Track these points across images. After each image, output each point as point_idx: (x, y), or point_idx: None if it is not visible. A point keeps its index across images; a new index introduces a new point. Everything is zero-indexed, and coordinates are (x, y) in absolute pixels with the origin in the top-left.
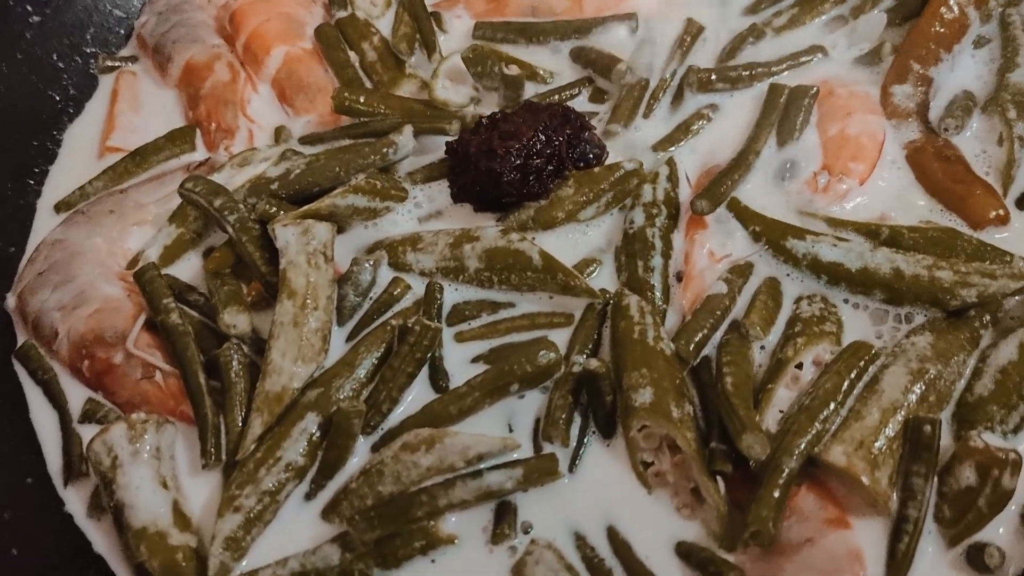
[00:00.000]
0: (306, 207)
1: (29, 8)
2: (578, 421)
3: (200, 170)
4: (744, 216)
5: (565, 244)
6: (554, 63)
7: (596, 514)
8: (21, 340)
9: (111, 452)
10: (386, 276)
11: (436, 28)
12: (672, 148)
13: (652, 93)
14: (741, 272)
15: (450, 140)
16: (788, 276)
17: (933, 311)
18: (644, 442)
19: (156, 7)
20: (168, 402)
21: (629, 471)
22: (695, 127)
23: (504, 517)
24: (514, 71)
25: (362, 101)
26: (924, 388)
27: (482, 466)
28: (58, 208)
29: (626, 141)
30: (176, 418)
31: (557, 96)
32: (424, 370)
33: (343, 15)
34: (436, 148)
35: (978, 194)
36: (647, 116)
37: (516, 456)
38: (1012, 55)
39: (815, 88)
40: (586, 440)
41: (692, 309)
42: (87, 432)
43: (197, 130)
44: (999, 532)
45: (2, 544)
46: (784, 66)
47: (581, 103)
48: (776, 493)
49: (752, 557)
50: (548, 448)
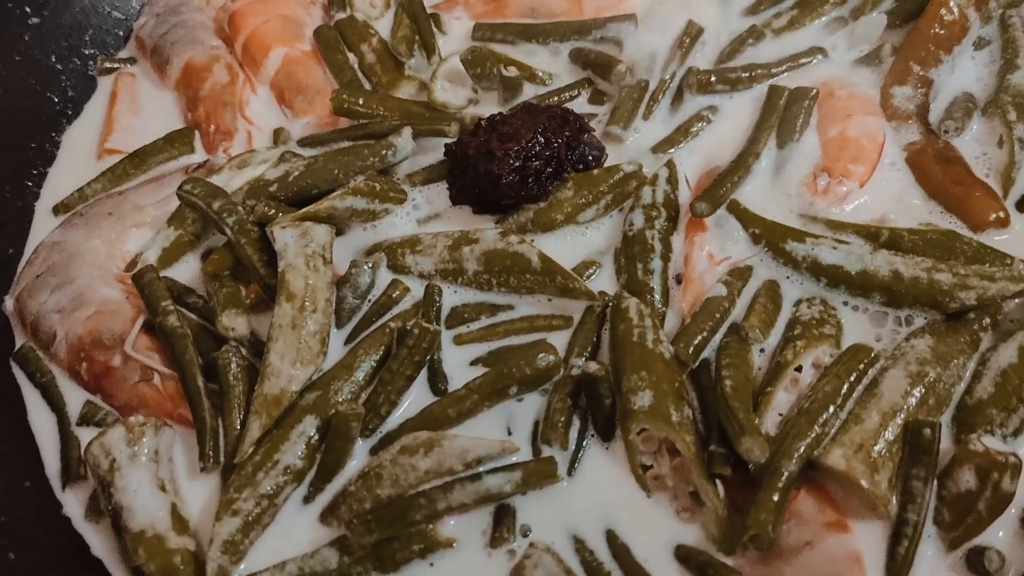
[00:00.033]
0: (305, 209)
1: (28, 10)
2: (577, 424)
3: (199, 172)
4: (744, 218)
5: (564, 246)
6: (553, 64)
7: (595, 517)
8: (19, 342)
9: (109, 455)
10: (385, 278)
11: (435, 30)
12: (671, 150)
13: (652, 95)
14: (740, 275)
15: (449, 142)
16: (788, 278)
17: (933, 314)
18: (643, 445)
19: (155, 9)
20: (166, 405)
21: (628, 474)
22: (694, 129)
23: (503, 520)
24: (513, 73)
25: (361, 103)
26: (924, 391)
27: (481, 469)
28: (56, 210)
29: (626, 143)
30: (174, 421)
31: (556, 98)
32: (423, 373)
33: (342, 17)
34: (435, 150)
35: (978, 196)
36: (646, 118)
37: (515, 459)
38: (1012, 57)
39: (815, 90)
40: (585, 443)
41: (691, 312)
42: (85, 435)
43: (196, 132)
44: (999, 536)
45: (0, 547)
46: (784, 68)
47: (580, 105)
48: (775, 496)
49: (751, 560)
50: (547, 451)
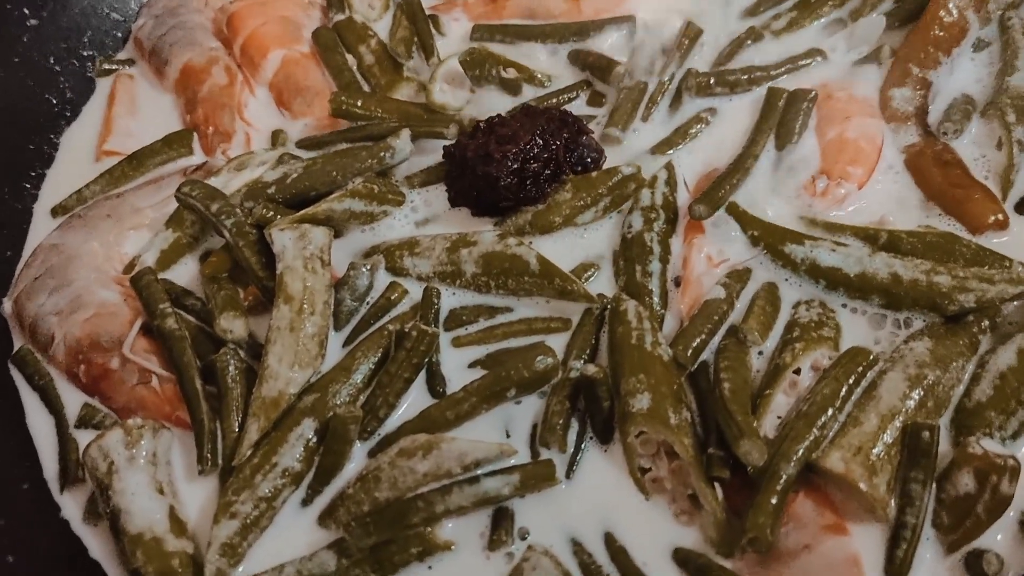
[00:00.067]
0: (303, 211)
1: (26, 12)
2: (575, 427)
3: (197, 174)
4: (742, 221)
5: (563, 248)
6: (552, 66)
7: (593, 520)
8: (18, 345)
9: (107, 457)
10: (383, 281)
11: (434, 31)
12: (670, 152)
13: (650, 97)
14: (739, 277)
15: (447, 144)
16: (786, 281)
17: (931, 316)
18: (642, 448)
19: (153, 10)
20: (164, 407)
21: (626, 477)
22: (693, 131)
23: (501, 523)
24: (512, 74)
25: (359, 105)
26: (922, 394)
27: (479, 472)
28: (55, 212)
29: (624, 145)
30: (172, 423)
31: (555, 99)
32: (421, 375)
33: (341, 18)
34: (434, 152)
35: (977, 198)
36: (645, 119)
37: (513, 462)
38: (1011, 58)
39: (814, 92)
40: (583, 446)
41: (690, 314)
42: (83, 437)
43: (194, 134)
44: (997, 539)
45: None
46: (783, 69)
47: (579, 106)
48: (774, 499)
49: (750, 563)
50: (545, 454)
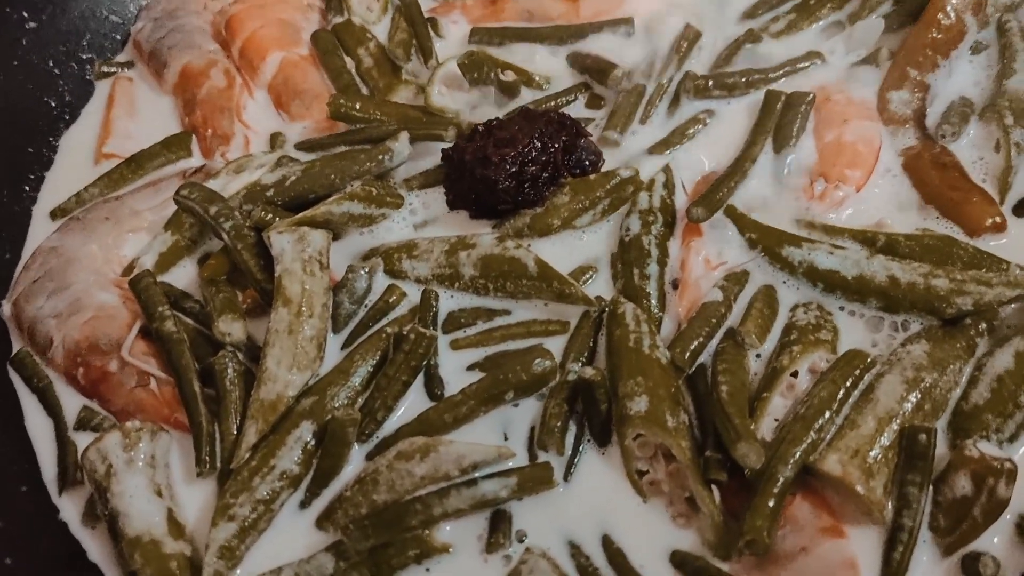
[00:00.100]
0: (302, 214)
1: (25, 14)
2: (573, 429)
3: (196, 177)
4: (740, 223)
5: (561, 251)
6: (551, 68)
7: (591, 523)
8: (16, 347)
9: (106, 460)
10: (382, 283)
11: (432, 34)
12: (668, 152)
13: (649, 99)
14: (737, 280)
15: (446, 147)
16: (784, 284)
17: (929, 319)
18: (639, 451)
19: (152, 13)
20: (163, 410)
21: (624, 480)
22: (691, 133)
23: (499, 526)
24: (510, 77)
25: (358, 107)
26: (920, 397)
27: (477, 475)
28: (54, 215)
29: (622, 147)
30: (171, 426)
31: (554, 102)
32: (419, 378)
33: (339, 21)
34: (432, 155)
35: (975, 201)
36: (644, 122)
37: (511, 464)
38: (1009, 61)
39: (811, 94)
40: (581, 448)
41: (688, 317)
42: (82, 440)
43: (193, 136)
44: (994, 542)
45: None
46: (781, 72)
47: (578, 109)
48: (771, 502)
49: (747, 566)
50: (543, 456)
